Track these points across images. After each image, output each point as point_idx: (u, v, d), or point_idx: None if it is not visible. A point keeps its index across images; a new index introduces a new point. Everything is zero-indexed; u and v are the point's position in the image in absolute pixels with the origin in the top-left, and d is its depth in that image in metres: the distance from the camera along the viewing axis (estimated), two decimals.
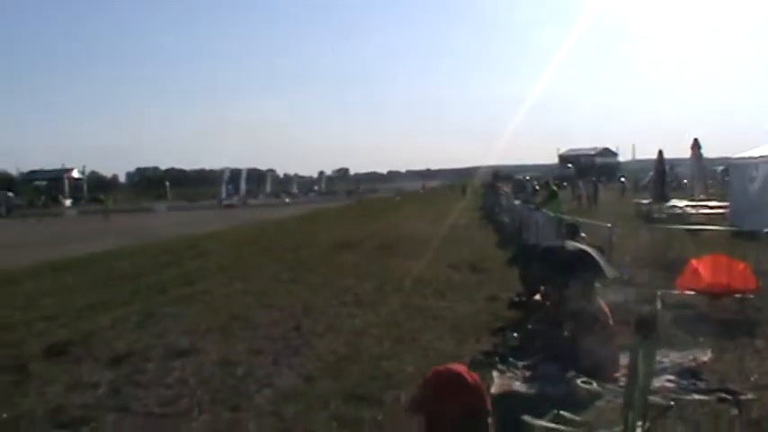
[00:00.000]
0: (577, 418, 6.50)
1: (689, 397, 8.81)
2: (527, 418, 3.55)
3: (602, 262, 11.06)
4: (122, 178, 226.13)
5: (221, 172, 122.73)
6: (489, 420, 3.33)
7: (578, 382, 8.83)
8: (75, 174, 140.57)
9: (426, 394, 3.32)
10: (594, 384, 8.78)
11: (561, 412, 6.37)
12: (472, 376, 3.32)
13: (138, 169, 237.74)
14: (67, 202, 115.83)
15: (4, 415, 8.85)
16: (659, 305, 6.17)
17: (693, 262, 14.24)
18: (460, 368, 3.40)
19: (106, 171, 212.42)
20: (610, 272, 11.34)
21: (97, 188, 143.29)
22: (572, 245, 11.72)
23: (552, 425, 5.93)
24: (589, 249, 11.48)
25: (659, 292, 7.82)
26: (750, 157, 31.18)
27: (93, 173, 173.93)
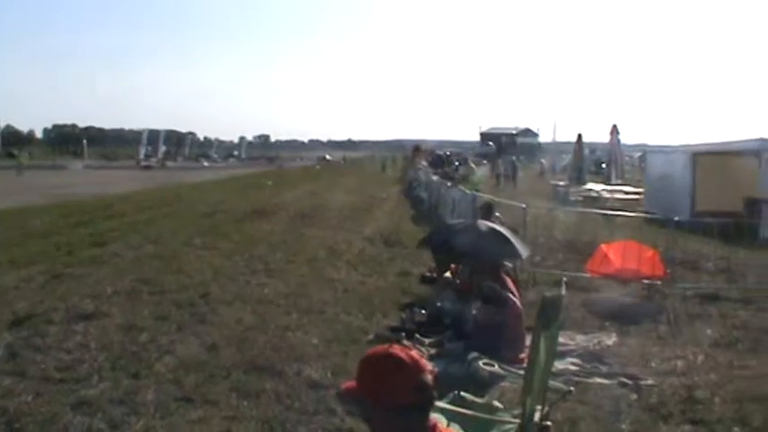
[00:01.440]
0: (478, 400, 6.48)
1: (591, 380, 8.91)
2: None
3: (514, 241, 11.08)
4: (39, 134, 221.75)
5: (140, 133, 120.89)
6: (434, 395, 3.18)
7: (480, 363, 8.83)
8: None
9: (369, 375, 3.12)
10: (496, 366, 8.80)
11: (462, 393, 6.33)
12: (407, 351, 3.17)
13: (56, 126, 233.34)
14: None
15: None
16: (564, 289, 6.13)
17: (603, 247, 14.42)
18: (393, 346, 3.21)
19: (22, 126, 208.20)
20: (522, 251, 11.38)
21: (12, 143, 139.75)
22: (484, 224, 11.71)
23: (450, 406, 5.89)
24: (501, 229, 11.50)
25: (565, 278, 7.86)
26: (666, 146, 31.75)
27: (8, 127, 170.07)
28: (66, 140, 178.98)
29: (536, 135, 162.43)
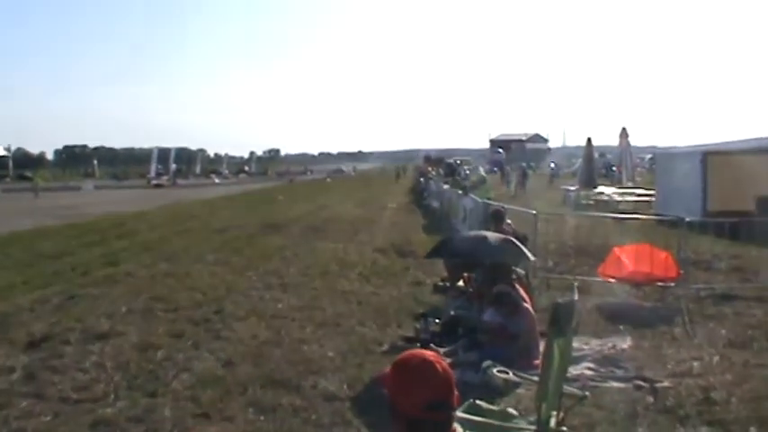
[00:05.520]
0: (494, 408, 6.47)
1: (607, 384, 8.90)
2: None
3: (523, 248, 11.11)
4: (50, 156, 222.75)
5: (150, 151, 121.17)
6: (453, 414, 3.19)
7: (494, 371, 8.83)
8: (0, 151, 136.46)
9: (395, 378, 3.16)
10: (510, 374, 8.78)
11: (478, 401, 6.34)
12: (443, 366, 3.16)
13: (66, 147, 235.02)
14: None
15: None
16: (576, 294, 6.15)
17: (616, 250, 14.39)
18: (433, 356, 3.23)
19: (33, 148, 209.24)
20: (530, 257, 11.43)
21: (24, 165, 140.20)
22: (493, 235, 11.73)
23: (466, 415, 5.90)
24: (510, 237, 11.54)
25: (576, 282, 7.76)
26: (675, 147, 31.67)
27: (19, 149, 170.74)
28: (76, 161, 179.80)
29: (546, 140, 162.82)
